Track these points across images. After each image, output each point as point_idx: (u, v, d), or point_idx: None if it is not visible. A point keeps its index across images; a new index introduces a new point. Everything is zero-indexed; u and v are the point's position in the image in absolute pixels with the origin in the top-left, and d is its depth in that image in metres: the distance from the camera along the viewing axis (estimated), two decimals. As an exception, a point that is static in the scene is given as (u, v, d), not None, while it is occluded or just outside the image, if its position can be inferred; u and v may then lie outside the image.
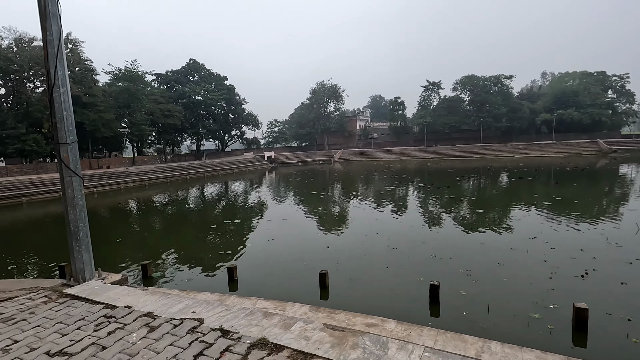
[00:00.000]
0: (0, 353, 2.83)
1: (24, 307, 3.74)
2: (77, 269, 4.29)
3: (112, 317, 3.28)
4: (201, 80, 58.86)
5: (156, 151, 60.82)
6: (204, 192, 31.25)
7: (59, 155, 4.19)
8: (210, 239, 13.74)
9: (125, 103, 44.97)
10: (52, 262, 12.29)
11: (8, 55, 35.01)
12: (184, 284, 8.39)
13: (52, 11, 4.04)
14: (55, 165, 39.94)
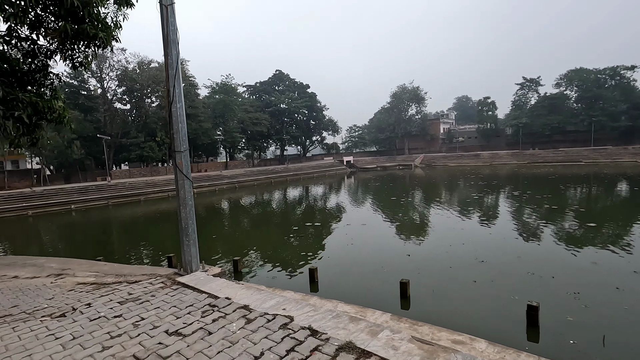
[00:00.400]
0: (132, 327, 3.40)
1: (147, 290, 4.43)
2: (185, 260, 4.93)
3: (215, 306, 3.70)
4: (286, 89, 62.43)
5: (245, 156, 66.16)
6: (286, 194, 32.91)
7: (174, 162, 4.89)
8: (291, 240, 14.41)
9: (220, 113, 49.98)
10: (160, 251, 14.20)
11: (132, 76, 41.74)
12: (269, 281, 8.94)
13: (173, 38, 4.75)
14: (165, 169, 46.22)
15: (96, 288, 4.91)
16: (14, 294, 5.15)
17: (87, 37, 7.25)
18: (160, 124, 43.03)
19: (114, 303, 4.08)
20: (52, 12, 7.88)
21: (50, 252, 13.45)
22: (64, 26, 7.02)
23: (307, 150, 71.25)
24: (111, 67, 41.31)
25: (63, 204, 27.59)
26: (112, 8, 8.28)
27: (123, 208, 27.47)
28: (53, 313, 4.00)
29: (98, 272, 6.54)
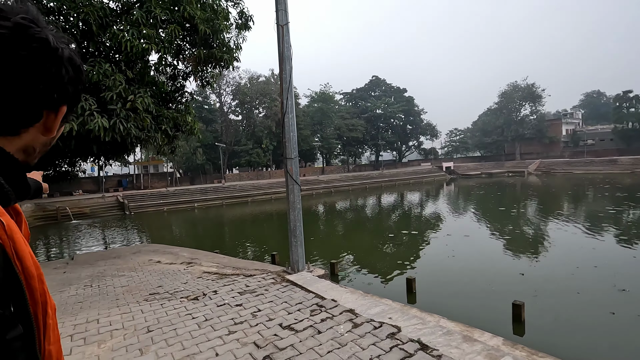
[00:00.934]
0: (251, 317, 3.79)
1: (261, 285, 4.89)
2: (293, 260, 5.28)
3: (322, 306, 3.88)
4: (382, 94, 62.04)
5: (341, 162, 67.72)
6: (380, 200, 32.54)
7: (285, 167, 5.30)
8: (387, 247, 14.17)
9: (318, 120, 52.33)
10: (264, 248, 15.46)
11: (244, 90, 46.73)
12: (365, 287, 8.94)
13: (287, 55, 5.18)
14: (269, 173, 50.28)
15: (219, 278, 5.62)
16: (159, 276, 6.24)
17: (215, 59, 8.42)
18: (266, 132, 47.11)
19: (235, 293, 4.61)
20: (189, 42, 9.39)
21: (179, 242, 15.82)
22: (199, 52, 8.29)
23: (403, 156, 69.35)
24: (227, 83, 46.99)
25: (188, 202, 32.32)
26: (234, 32, 9.47)
27: (234, 208, 30.84)
28: (189, 296, 4.72)
29: (219, 263, 7.48)
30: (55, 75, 0.56)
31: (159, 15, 7.60)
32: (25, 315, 0.51)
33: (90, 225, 24.89)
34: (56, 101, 0.58)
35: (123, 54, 7.26)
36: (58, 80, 0.56)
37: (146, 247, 11.58)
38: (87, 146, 7.38)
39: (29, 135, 0.58)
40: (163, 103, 9.33)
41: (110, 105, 6.95)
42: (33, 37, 0.52)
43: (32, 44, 0.52)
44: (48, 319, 0.55)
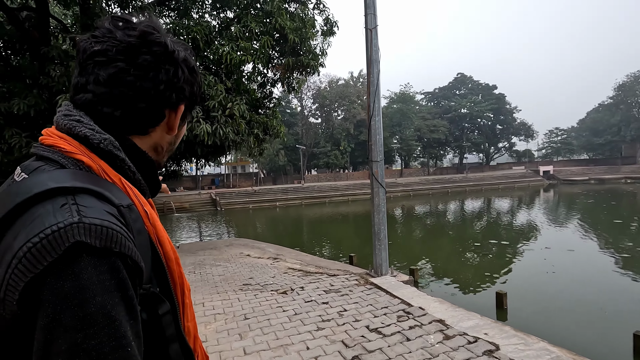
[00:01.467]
0: (338, 315, 3.89)
1: (345, 285, 4.97)
2: (377, 263, 5.26)
3: (409, 313, 3.79)
4: (468, 92, 57.92)
5: (420, 164, 65.08)
6: (464, 206, 30.43)
7: (371, 170, 5.31)
8: (471, 257, 13.23)
9: (397, 122, 51.11)
10: (340, 249, 15.63)
11: (324, 94, 47.99)
12: (447, 298, 8.43)
13: (375, 58, 5.19)
14: (346, 175, 50.72)
15: (304, 275, 5.87)
16: (249, 269, 6.77)
17: (302, 66, 8.84)
18: (344, 135, 47.68)
19: (320, 291, 4.77)
20: (278, 51, 10.02)
21: (263, 238, 16.91)
22: (288, 60, 8.79)
23: (491, 158, 63.71)
24: (308, 87, 48.80)
25: (271, 201, 34.35)
26: (319, 39, 9.82)
27: (312, 208, 31.85)
28: (278, 289, 5.04)
29: (302, 261, 7.81)
30: (173, 76, 0.61)
31: (254, 29, 8.27)
32: (168, 294, 0.57)
33: (189, 218, 28.08)
34: (175, 101, 0.63)
35: (223, 65, 8.06)
36: (175, 80, 0.61)
37: (237, 241, 12.66)
38: (192, 149, 8.38)
39: (156, 134, 0.64)
40: (254, 109, 10.11)
41: (213, 112, 7.78)
42: (154, 42, 0.58)
43: (154, 48, 0.58)
44: (185, 298, 0.61)
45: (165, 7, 10.79)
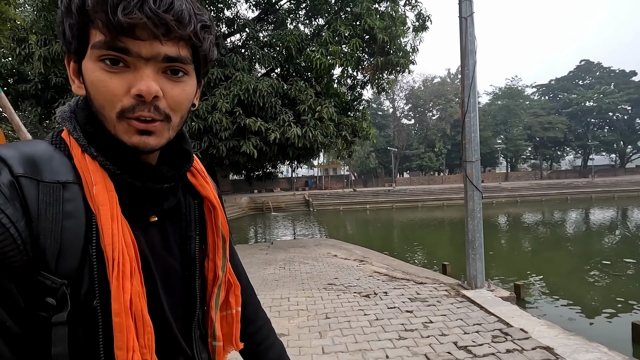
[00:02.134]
0: (422, 327, 3.63)
1: (432, 295, 4.63)
2: (470, 274, 4.76)
3: (507, 334, 3.32)
4: (595, 82, 48.87)
5: (531, 167, 57.39)
6: (589, 216, 25.72)
7: (465, 172, 4.85)
8: (598, 277, 11.10)
9: (502, 120, 46.06)
10: (433, 256, 14.69)
11: (418, 93, 46.12)
12: (563, 323, 7.19)
13: (470, 49, 4.74)
14: (441, 178, 47.82)
15: (389, 280, 5.67)
16: (335, 269, 6.84)
17: (391, 65, 8.61)
18: (440, 135, 45.00)
19: (405, 298, 4.53)
20: (367, 52, 9.95)
21: (352, 240, 16.96)
22: (376, 60, 8.67)
23: (627, 160, 52.51)
24: (401, 88, 47.51)
25: (361, 204, 34.36)
26: (410, 36, 9.44)
27: (403, 211, 30.79)
28: (361, 292, 4.96)
29: (388, 265, 7.57)
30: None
31: (343, 32, 8.38)
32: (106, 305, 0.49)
33: (284, 217, 29.91)
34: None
35: (314, 71, 8.37)
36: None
37: (325, 241, 12.98)
38: (285, 151, 8.88)
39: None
40: (343, 111, 10.24)
41: (303, 116, 8.13)
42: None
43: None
44: (122, 318, 0.48)
45: (264, 22, 11.73)
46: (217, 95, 7.58)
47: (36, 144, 0.50)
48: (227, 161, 9.04)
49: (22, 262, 0.43)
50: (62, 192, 0.47)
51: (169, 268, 0.58)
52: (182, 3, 0.47)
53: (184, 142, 0.61)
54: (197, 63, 0.53)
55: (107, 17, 0.44)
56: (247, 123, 7.45)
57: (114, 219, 0.48)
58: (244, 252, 10.12)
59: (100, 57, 0.46)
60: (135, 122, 0.48)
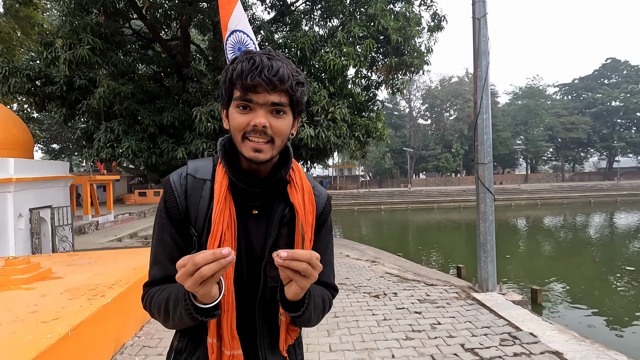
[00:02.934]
0: (430, 328, 3.64)
1: (442, 297, 4.62)
2: (482, 277, 4.72)
3: (516, 338, 3.29)
4: (622, 81, 46.96)
5: (552, 168, 55.75)
6: (613, 220, 24.81)
7: (477, 174, 4.81)
8: (621, 284, 10.75)
9: (522, 120, 44.92)
10: (448, 259, 14.49)
11: (434, 93, 45.50)
12: (582, 330, 7.00)
13: (484, 49, 4.69)
14: (458, 179, 47.04)
15: (400, 281, 5.67)
16: (346, 269, 6.88)
17: (405, 66, 8.58)
18: (457, 136, 44.25)
19: (414, 299, 4.54)
20: (381, 53, 9.93)
21: (365, 241, 16.93)
22: (390, 61, 8.65)
23: (657, 162, 50.31)
24: (417, 88, 46.97)
25: (376, 204, 34.20)
26: (425, 36, 9.37)
27: (419, 213, 30.46)
28: (370, 292, 4.99)
29: (400, 266, 7.56)
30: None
31: (357, 33, 8.40)
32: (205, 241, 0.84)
33: (298, 217, 29.96)
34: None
35: (327, 72, 8.42)
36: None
37: (338, 241, 13.02)
38: (298, 151, 8.97)
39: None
40: (357, 112, 10.25)
41: (316, 116, 8.20)
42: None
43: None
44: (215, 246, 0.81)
45: (279, 24, 11.86)
46: (232, 97, 7.73)
47: (204, 159, 0.91)
48: (241, 161, 9.19)
49: (180, 218, 0.84)
50: (202, 184, 0.85)
51: (252, 248, 0.85)
52: (284, 69, 0.75)
53: (282, 163, 0.87)
54: (292, 105, 0.80)
55: (241, 81, 0.74)
56: (261, 124, 7.55)
57: (218, 202, 0.80)
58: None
59: (237, 105, 0.78)
60: (251, 143, 0.77)
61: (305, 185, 0.90)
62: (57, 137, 32.48)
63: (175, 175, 0.87)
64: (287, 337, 0.88)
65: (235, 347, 0.81)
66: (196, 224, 0.83)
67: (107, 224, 19.66)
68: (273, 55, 0.78)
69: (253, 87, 0.74)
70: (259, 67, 0.74)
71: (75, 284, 3.48)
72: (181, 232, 0.84)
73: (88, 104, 8.43)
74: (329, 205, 0.96)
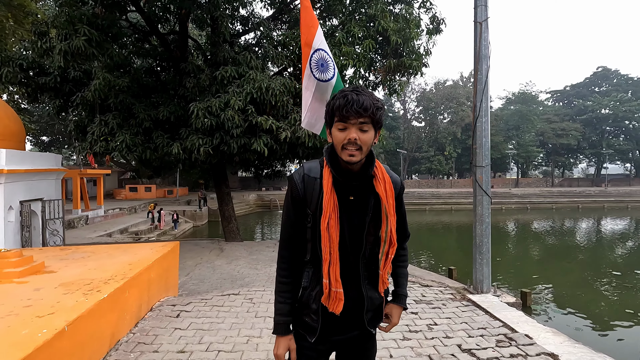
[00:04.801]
0: (427, 328, 3.66)
1: (438, 298, 4.65)
2: (477, 279, 4.77)
3: (512, 340, 3.33)
4: (612, 89, 47.86)
5: (542, 173, 56.57)
6: (600, 226, 25.30)
7: (475, 177, 4.85)
8: (607, 288, 10.99)
9: (514, 125, 45.45)
10: (439, 261, 14.60)
11: (429, 96, 45.77)
12: (570, 333, 7.13)
13: (484, 53, 4.74)
14: (450, 182, 47.38)
15: (395, 281, 5.69)
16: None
17: (404, 67, 8.61)
18: (450, 139, 44.58)
19: (410, 300, 4.55)
20: (380, 54, 9.95)
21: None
22: (389, 62, 8.68)
23: (643, 170, 51.42)
24: (412, 90, 47.18)
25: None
26: (424, 38, 9.41)
27: (410, 214, 30.56)
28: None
29: (394, 267, 7.58)
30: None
31: (356, 33, 8.41)
32: (318, 220, 1.25)
33: (291, 216, 29.91)
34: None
35: (326, 71, 8.40)
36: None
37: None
38: (295, 150, 8.95)
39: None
40: (354, 112, 10.22)
41: (314, 116, 8.18)
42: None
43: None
44: (323, 225, 1.25)
45: (278, 22, 11.80)
46: (230, 93, 7.68)
47: (313, 162, 1.31)
48: (237, 158, 9.14)
49: (300, 201, 1.27)
50: (314, 181, 1.26)
51: (353, 223, 1.26)
52: (367, 101, 1.14)
53: (368, 164, 1.25)
54: (374, 124, 1.18)
55: (340, 113, 1.15)
56: (258, 121, 7.54)
57: (326, 193, 1.21)
58: (251, 249, 10.22)
59: (337, 126, 1.18)
60: (347, 151, 1.16)
61: (386, 178, 1.30)
62: (47, 129, 31.88)
63: (296, 174, 1.29)
64: (382, 284, 1.35)
65: (338, 287, 1.23)
66: (310, 206, 1.26)
67: (97, 219, 19.37)
68: (359, 91, 1.16)
69: (347, 115, 1.14)
70: (351, 102, 1.13)
71: (70, 278, 3.42)
72: (301, 211, 1.29)
73: (82, 96, 8.28)
74: (402, 188, 1.40)
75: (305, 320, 1.33)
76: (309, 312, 1.32)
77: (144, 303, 3.86)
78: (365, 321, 1.32)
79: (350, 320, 1.31)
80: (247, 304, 4.36)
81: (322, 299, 1.27)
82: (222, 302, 4.41)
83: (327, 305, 1.26)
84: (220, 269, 7.72)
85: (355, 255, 1.27)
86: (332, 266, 1.22)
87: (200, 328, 3.60)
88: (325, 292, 1.24)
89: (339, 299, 1.24)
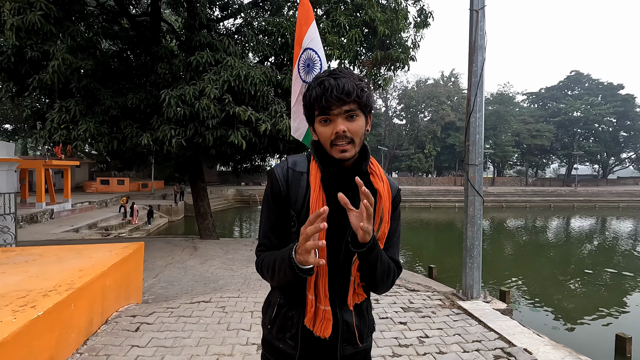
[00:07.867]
0: (417, 342, 3.33)
1: (427, 304, 4.35)
2: (466, 284, 4.50)
3: (510, 355, 3.05)
4: (583, 93, 49.72)
5: (516, 173, 58.27)
6: (570, 225, 26.16)
7: (467, 175, 4.57)
8: (578, 286, 11.23)
9: (492, 125, 46.43)
10: (417, 258, 14.52)
11: (410, 94, 46.04)
12: (547, 332, 7.09)
13: (480, 44, 4.43)
14: (429, 180, 47.94)
15: (379, 285, 5.37)
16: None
17: (391, 60, 8.28)
18: (430, 137, 45.06)
19: (398, 307, 4.23)
20: (366, 46, 9.58)
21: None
22: (376, 54, 8.32)
23: (610, 171, 53.88)
24: (394, 87, 47.33)
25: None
26: (412, 31, 9.11)
27: (391, 212, 30.70)
28: (350, 298, 4.64)
29: (377, 268, 7.29)
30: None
31: (343, 22, 8.00)
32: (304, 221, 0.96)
33: (270, 211, 29.41)
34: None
35: (309, 61, 7.96)
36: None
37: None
38: (275, 144, 8.48)
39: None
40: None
41: (296, 108, 7.74)
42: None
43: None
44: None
45: (260, 9, 11.21)
46: (205, 80, 7.11)
47: (299, 155, 1.15)
48: (213, 151, 8.59)
49: (282, 200, 1.07)
50: (300, 176, 1.09)
51: (340, 221, 1.01)
52: (349, 84, 0.97)
53: (362, 159, 1.08)
54: (362, 108, 1.00)
55: (319, 104, 0.98)
56: (236, 112, 7.01)
57: (315, 191, 1.03)
58: (227, 248, 9.69)
59: (319, 120, 1.02)
60: (338, 147, 0.99)
61: (384, 178, 1.11)
62: (8, 116, 29.78)
63: (278, 168, 1.11)
64: (353, 293, 1.09)
65: (326, 304, 1.03)
66: (295, 207, 1.06)
67: (64, 213, 18.23)
68: (337, 73, 0.99)
69: (328, 105, 0.97)
70: (329, 89, 0.96)
71: (2, 289, 2.86)
72: (282, 213, 1.08)
73: (40, 79, 7.47)
74: (399, 196, 1.16)
75: (279, 347, 1.10)
76: (283, 337, 1.09)
77: (97, 315, 3.34)
78: (339, 353, 1.09)
79: (335, 345, 1.09)
80: (218, 314, 3.90)
81: (305, 320, 1.05)
82: (190, 312, 3.93)
83: (311, 327, 1.05)
84: (192, 270, 7.19)
85: (332, 265, 1.07)
86: (320, 278, 1.02)
87: (162, 345, 3.12)
88: (310, 310, 1.04)
89: (327, 318, 1.03)
